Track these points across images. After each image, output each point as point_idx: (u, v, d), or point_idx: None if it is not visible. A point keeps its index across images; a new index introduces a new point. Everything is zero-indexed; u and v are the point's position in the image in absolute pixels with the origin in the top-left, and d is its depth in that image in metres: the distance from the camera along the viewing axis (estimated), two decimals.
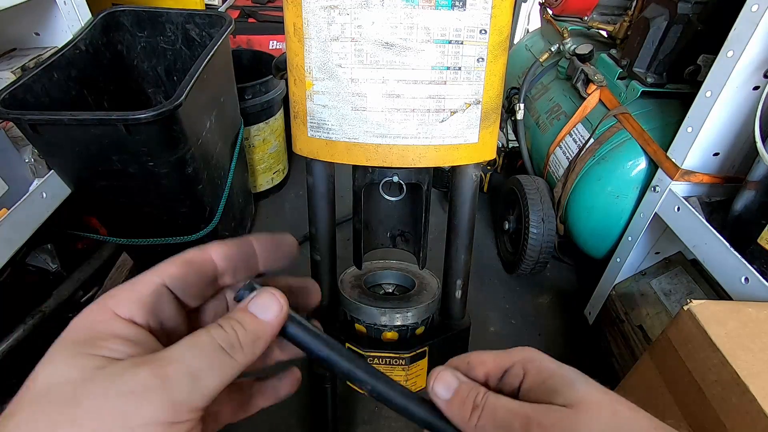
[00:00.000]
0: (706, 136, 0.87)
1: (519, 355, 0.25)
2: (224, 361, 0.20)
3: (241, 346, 0.21)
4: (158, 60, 1.24)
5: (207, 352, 0.20)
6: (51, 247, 0.99)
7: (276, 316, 0.22)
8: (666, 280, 1.06)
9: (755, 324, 0.62)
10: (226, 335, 0.20)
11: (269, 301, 0.22)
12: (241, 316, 0.22)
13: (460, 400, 0.25)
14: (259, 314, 0.22)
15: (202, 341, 0.20)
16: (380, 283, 0.67)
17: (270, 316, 0.22)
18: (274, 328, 0.22)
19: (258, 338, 0.21)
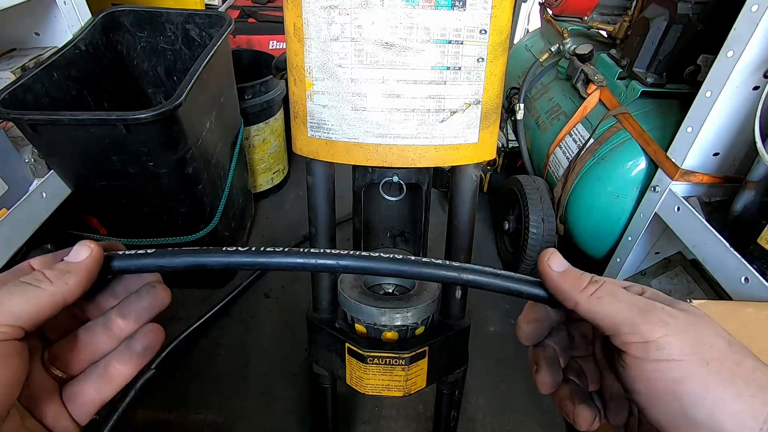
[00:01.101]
0: (706, 136, 0.87)
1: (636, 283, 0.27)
2: (28, 290, 0.23)
3: (47, 279, 0.24)
4: (158, 60, 1.24)
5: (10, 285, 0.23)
6: (51, 247, 0.99)
7: (87, 256, 0.25)
8: (666, 280, 1.06)
9: (755, 324, 0.62)
10: (33, 275, 0.24)
11: (80, 248, 0.26)
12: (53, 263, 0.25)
13: (575, 273, 0.26)
14: (72, 259, 0.25)
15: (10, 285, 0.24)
16: (380, 283, 0.67)
17: (81, 257, 0.25)
18: (87, 265, 0.25)
19: (67, 272, 0.25)
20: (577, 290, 0.25)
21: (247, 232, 1.50)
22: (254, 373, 1.10)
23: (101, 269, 0.26)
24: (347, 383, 0.61)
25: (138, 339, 0.27)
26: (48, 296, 0.23)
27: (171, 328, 1.15)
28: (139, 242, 1.08)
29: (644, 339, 0.22)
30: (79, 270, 0.25)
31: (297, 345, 1.17)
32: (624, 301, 0.24)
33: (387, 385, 0.58)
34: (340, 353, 0.59)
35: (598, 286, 0.25)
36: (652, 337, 0.22)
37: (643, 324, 0.22)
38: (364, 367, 0.56)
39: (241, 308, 1.25)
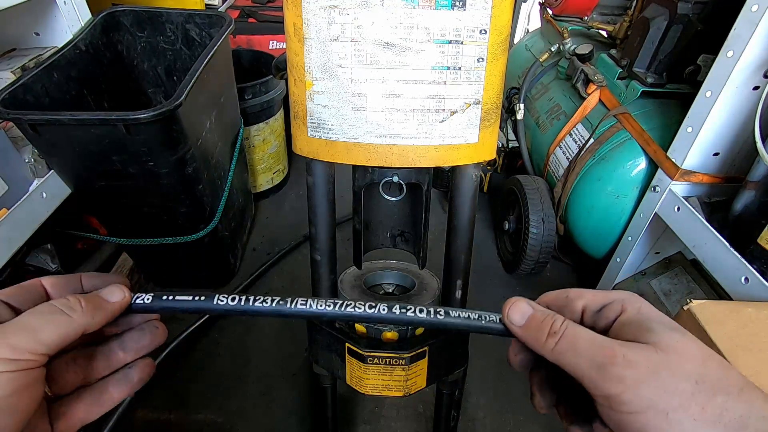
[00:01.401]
0: (706, 136, 0.87)
1: (620, 295, 0.26)
2: (60, 319, 0.24)
3: (81, 309, 0.25)
4: (158, 60, 1.24)
5: (44, 312, 0.24)
6: (51, 247, 0.99)
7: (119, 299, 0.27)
8: (666, 280, 1.06)
9: (755, 324, 0.62)
10: (66, 302, 0.25)
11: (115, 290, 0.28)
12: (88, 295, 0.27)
13: (536, 325, 0.26)
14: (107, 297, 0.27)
15: (42, 307, 0.25)
16: (380, 283, 0.67)
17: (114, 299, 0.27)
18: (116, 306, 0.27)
19: (99, 308, 0.26)
20: (540, 343, 0.25)
21: (247, 232, 1.50)
22: (254, 373, 1.10)
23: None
24: (347, 383, 0.61)
25: (136, 371, 0.30)
26: (76, 327, 0.24)
27: (171, 328, 1.15)
28: (139, 242, 1.08)
29: (604, 394, 0.22)
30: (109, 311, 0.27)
31: (297, 345, 1.17)
32: (583, 354, 0.23)
33: (387, 385, 0.58)
34: (340, 353, 0.59)
35: (558, 337, 0.25)
36: (611, 393, 0.22)
37: (600, 381, 0.22)
38: (364, 367, 0.56)
39: None
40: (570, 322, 0.25)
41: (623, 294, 0.26)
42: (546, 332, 0.25)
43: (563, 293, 0.28)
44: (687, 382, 0.21)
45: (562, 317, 0.26)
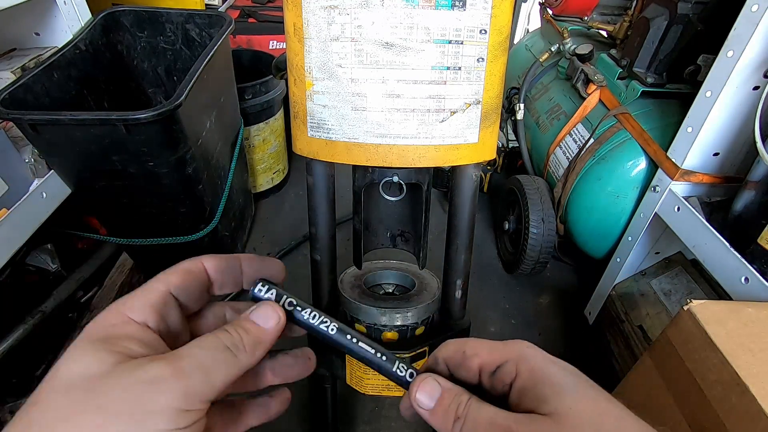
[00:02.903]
0: (706, 136, 0.87)
1: (513, 352, 0.25)
2: (229, 359, 0.22)
3: (244, 347, 0.23)
4: (158, 60, 1.24)
5: (215, 350, 0.22)
6: (51, 247, 0.99)
7: (275, 325, 0.25)
8: (666, 280, 1.06)
9: (755, 324, 0.62)
10: (232, 338, 0.23)
11: (269, 312, 0.25)
12: (244, 323, 0.24)
13: (443, 410, 0.25)
14: (260, 323, 0.25)
15: (211, 341, 0.22)
16: (380, 283, 0.67)
17: (270, 325, 0.25)
18: (273, 335, 0.25)
19: (259, 342, 0.24)
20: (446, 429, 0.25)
21: (247, 232, 1.50)
22: None
23: None
24: (347, 383, 0.61)
25: (276, 402, 0.29)
26: (240, 369, 0.23)
27: None
28: (139, 242, 1.08)
29: None
30: (268, 341, 0.25)
31: (297, 345, 1.17)
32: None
33: (387, 385, 0.58)
34: (340, 353, 0.59)
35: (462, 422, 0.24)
36: None
37: None
38: (364, 367, 0.56)
39: None
40: (473, 402, 0.24)
41: (517, 351, 0.25)
42: (452, 417, 0.24)
43: (460, 348, 0.27)
44: None
45: (467, 396, 0.25)
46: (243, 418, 0.28)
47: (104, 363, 0.20)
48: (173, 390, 0.20)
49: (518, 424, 0.22)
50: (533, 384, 0.23)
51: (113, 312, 0.22)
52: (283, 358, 0.29)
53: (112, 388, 0.19)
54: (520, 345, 0.25)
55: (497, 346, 0.26)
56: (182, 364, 0.20)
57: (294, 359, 0.29)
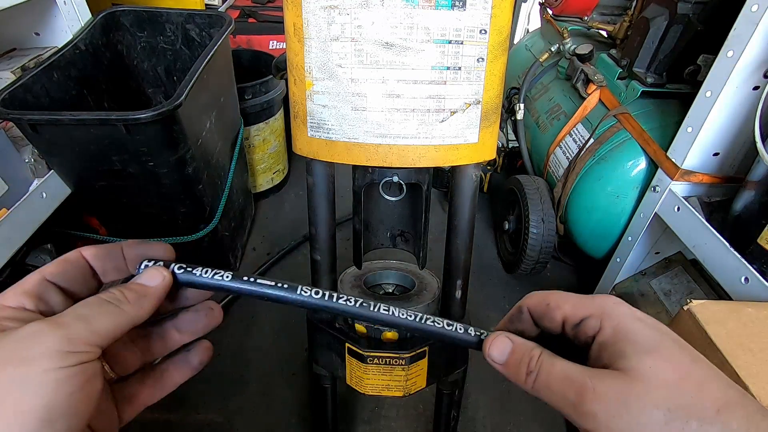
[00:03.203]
0: (706, 136, 0.87)
1: (598, 307, 0.25)
2: (112, 310, 0.24)
3: (127, 300, 0.24)
4: (158, 60, 1.24)
5: (95, 304, 0.24)
6: (51, 247, 0.99)
7: (159, 283, 0.26)
8: (666, 280, 1.06)
9: (755, 324, 0.62)
10: (112, 294, 0.25)
11: (153, 273, 0.27)
12: (129, 284, 0.26)
13: (515, 363, 0.26)
14: (147, 283, 0.26)
15: (93, 299, 0.24)
16: (380, 283, 0.67)
17: (154, 283, 0.26)
18: (159, 290, 0.26)
19: (143, 296, 0.25)
20: (521, 382, 0.26)
21: (247, 232, 1.50)
22: (254, 373, 1.10)
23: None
24: (347, 383, 0.61)
25: (196, 354, 0.30)
26: (126, 319, 0.24)
27: None
28: None
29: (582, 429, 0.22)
30: (154, 296, 0.26)
31: (297, 345, 1.17)
32: (557, 392, 0.23)
33: (387, 385, 0.58)
34: (340, 353, 0.59)
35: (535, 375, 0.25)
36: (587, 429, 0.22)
37: (576, 418, 0.23)
38: (364, 367, 0.56)
39: (241, 308, 1.25)
40: (545, 356, 0.25)
41: (603, 306, 0.25)
42: (524, 371, 0.25)
43: (545, 300, 0.27)
44: (658, 411, 0.20)
45: (539, 351, 0.25)
46: (167, 378, 0.29)
47: None
48: (52, 336, 0.21)
49: (593, 378, 0.22)
50: (615, 340, 0.23)
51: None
52: (184, 315, 0.30)
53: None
54: (607, 300, 0.25)
55: (583, 301, 0.26)
56: (61, 319, 0.22)
57: (196, 314, 0.30)
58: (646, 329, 0.23)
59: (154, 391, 0.28)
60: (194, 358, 0.30)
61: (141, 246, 0.29)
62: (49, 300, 0.25)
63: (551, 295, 0.27)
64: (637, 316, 0.24)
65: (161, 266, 0.27)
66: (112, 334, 0.23)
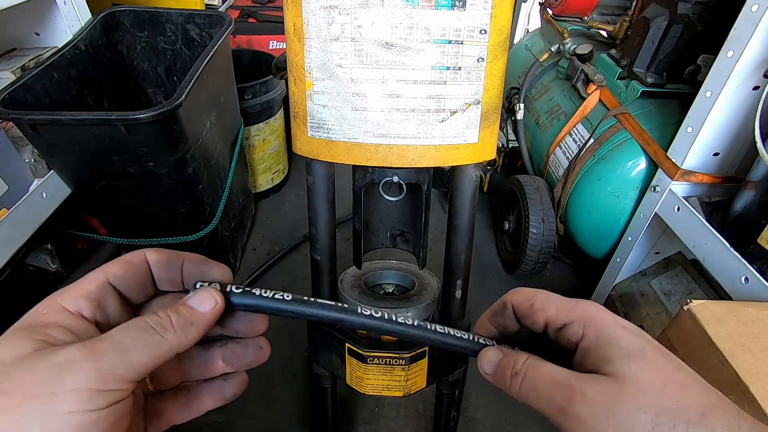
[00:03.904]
0: (706, 136, 0.87)
1: (581, 312, 0.25)
2: (154, 339, 0.22)
3: (173, 327, 0.22)
4: (158, 60, 1.24)
5: (136, 331, 0.21)
6: (51, 247, 0.99)
7: (211, 308, 0.24)
8: (666, 280, 1.06)
9: (755, 324, 0.62)
10: (158, 319, 0.22)
11: (206, 296, 0.24)
12: (178, 307, 0.24)
13: (502, 370, 0.26)
14: (196, 306, 0.24)
15: (134, 323, 0.22)
16: (380, 283, 0.67)
17: (205, 308, 0.24)
18: (209, 317, 0.24)
19: (191, 324, 0.23)
20: (506, 387, 0.26)
21: (247, 232, 1.50)
22: (254, 373, 1.10)
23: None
24: (347, 383, 0.61)
25: (231, 386, 0.29)
26: (168, 350, 0.22)
27: None
28: (140, 242, 1.08)
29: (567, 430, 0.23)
30: (202, 323, 0.24)
31: (297, 345, 1.17)
32: (544, 395, 0.24)
33: (387, 385, 0.58)
34: (340, 353, 0.59)
35: (521, 378, 0.25)
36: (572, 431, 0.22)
37: (562, 422, 0.23)
38: (364, 367, 0.56)
39: None
40: (532, 360, 0.25)
41: (586, 312, 0.25)
42: (509, 373, 0.25)
43: (529, 299, 0.27)
44: (645, 415, 0.21)
45: (525, 355, 0.25)
46: (198, 402, 0.28)
47: (22, 349, 0.20)
48: (84, 370, 0.19)
49: (580, 382, 0.22)
50: (599, 344, 0.23)
51: (48, 301, 0.22)
52: (234, 346, 0.28)
53: (21, 372, 0.19)
54: (590, 306, 0.25)
55: (566, 305, 0.26)
56: (98, 346, 0.20)
57: (245, 348, 0.29)
58: (630, 336, 0.23)
59: (184, 412, 0.27)
60: (229, 389, 0.29)
61: (203, 264, 0.27)
62: (107, 307, 0.24)
63: (536, 295, 0.27)
64: (621, 323, 0.24)
65: (216, 288, 0.25)
66: (149, 366, 0.21)
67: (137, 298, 0.26)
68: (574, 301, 0.26)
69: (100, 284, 0.24)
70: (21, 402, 0.18)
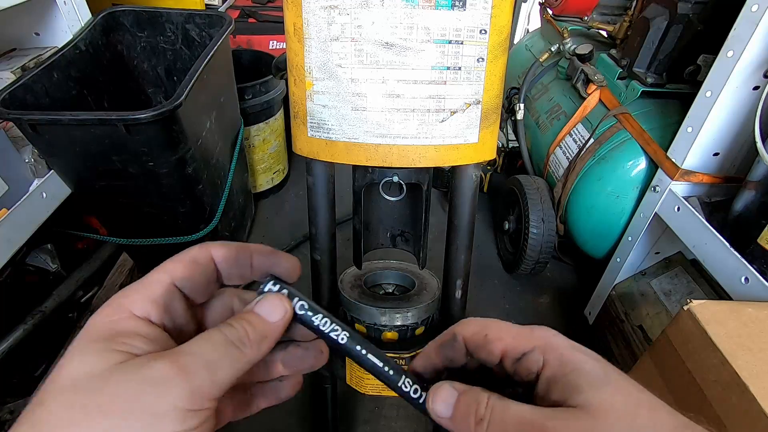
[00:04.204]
0: (706, 136, 0.87)
1: (539, 339, 0.24)
2: (235, 355, 0.21)
3: (250, 342, 0.22)
4: (158, 60, 1.24)
5: (221, 346, 0.21)
6: (51, 247, 0.99)
7: (281, 318, 0.24)
8: (666, 280, 1.06)
9: (755, 324, 0.62)
10: (237, 332, 0.22)
11: (276, 304, 0.24)
12: (250, 316, 0.23)
13: (463, 415, 0.24)
14: (267, 316, 0.24)
15: (216, 337, 0.22)
16: (380, 283, 0.67)
17: (275, 317, 0.24)
18: (279, 328, 0.24)
19: (265, 337, 0.23)
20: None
21: (247, 232, 1.50)
22: None
23: None
24: (347, 383, 0.61)
25: (287, 387, 0.28)
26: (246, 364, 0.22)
27: None
28: (139, 242, 1.08)
29: None
30: (273, 335, 0.24)
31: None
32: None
33: None
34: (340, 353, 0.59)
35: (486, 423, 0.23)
36: None
37: None
38: None
39: None
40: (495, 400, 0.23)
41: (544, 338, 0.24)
42: (473, 420, 0.23)
43: (482, 330, 0.25)
44: None
45: (486, 395, 0.23)
46: (253, 402, 0.28)
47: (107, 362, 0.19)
48: (179, 389, 0.19)
49: (552, 420, 0.21)
50: (564, 372, 0.22)
51: (114, 306, 0.22)
52: (294, 349, 0.28)
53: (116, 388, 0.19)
54: (546, 332, 0.24)
55: (523, 332, 0.24)
56: (187, 362, 0.20)
57: (305, 351, 0.28)
58: (591, 360, 0.23)
59: (239, 411, 0.27)
60: (285, 390, 0.28)
61: (272, 256, 0.26)
62: (174, 311, 0.23)
63: (489, 325, 0.26)
64: (577, 348, 0.23)
65: (284, 296, 0.25)
66: (231, 383, 0.21)
67: (200, 299, 0.26)
68: (530, 328, 0.25)
69: (166, 287, 0.23)
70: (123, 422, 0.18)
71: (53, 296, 0.96)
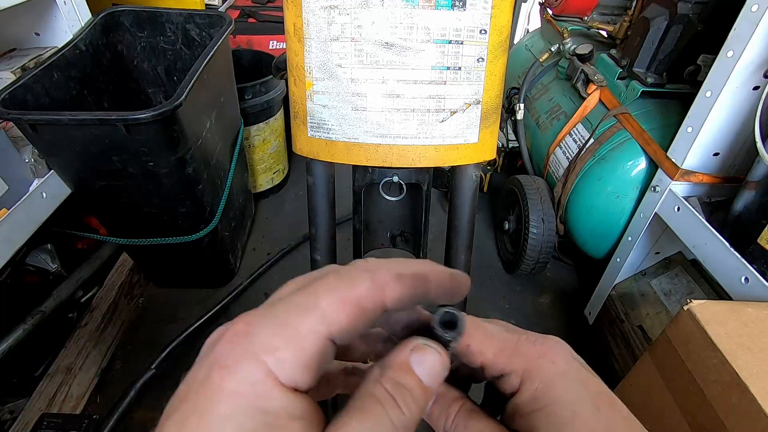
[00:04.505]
0: (706, 136, 0.87)
1: (522, 363, 0.22)
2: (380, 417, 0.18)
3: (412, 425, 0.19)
4: (158, 60, 1.24)
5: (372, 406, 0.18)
6: (51, 247, 0.99)
7: (439, 384, 0.20)
8: (666, 280, 1.06)
9: (755, 324, 0.63)
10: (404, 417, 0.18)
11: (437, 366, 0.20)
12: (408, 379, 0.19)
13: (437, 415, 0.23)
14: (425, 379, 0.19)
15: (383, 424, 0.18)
16: None
17: (435, 383, 0.20)
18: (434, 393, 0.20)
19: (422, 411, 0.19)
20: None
21: (247, 232, 1.50)
22: None
23: None
24: None
25: None
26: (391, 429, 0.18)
27: (171, 328, 1.15)
28: (139, 242, 1.08)
29: None
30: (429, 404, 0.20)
31: None
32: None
33: None
34: None
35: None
36: None
37: None
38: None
39: (241, 308, 1.25)
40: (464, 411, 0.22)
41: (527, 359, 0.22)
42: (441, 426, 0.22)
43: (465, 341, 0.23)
44: None
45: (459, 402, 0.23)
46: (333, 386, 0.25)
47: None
48: None
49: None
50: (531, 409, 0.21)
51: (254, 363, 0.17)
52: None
53: None
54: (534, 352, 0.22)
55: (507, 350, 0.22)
56: None
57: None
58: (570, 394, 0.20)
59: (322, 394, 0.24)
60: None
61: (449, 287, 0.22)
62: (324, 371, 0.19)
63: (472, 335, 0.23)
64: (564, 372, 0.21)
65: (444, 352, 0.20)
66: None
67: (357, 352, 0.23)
68: (515, 343, 0.23)
69: (321, 345, 0.18)
70: None
71: (53, 296, 0.96)
